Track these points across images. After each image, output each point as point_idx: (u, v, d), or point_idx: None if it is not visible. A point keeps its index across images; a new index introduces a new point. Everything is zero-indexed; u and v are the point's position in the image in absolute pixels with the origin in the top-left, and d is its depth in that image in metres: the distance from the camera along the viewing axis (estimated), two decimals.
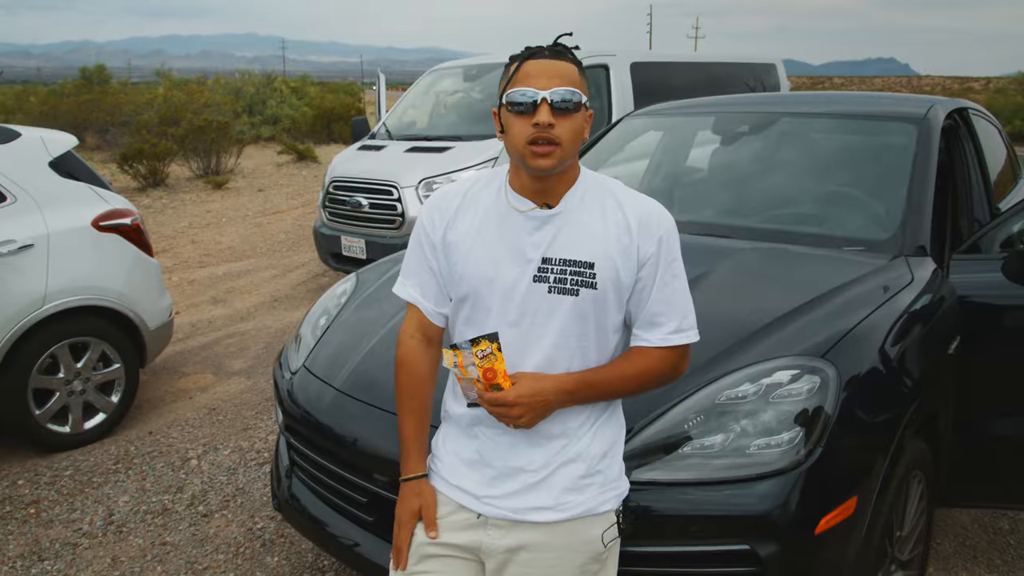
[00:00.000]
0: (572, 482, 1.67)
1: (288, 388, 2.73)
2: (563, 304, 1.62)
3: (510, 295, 1.64)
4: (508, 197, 1.67)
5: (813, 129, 3.66)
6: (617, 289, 1.64)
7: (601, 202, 1.67)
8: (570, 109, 1.56)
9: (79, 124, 18.54)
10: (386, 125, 8.08)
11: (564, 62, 1.59)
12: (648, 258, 1.64)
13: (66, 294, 4.27)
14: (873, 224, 3.08)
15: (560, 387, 1.62)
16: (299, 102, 24.01)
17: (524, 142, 1.56)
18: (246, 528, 3.53)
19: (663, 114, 4.22)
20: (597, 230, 1.64)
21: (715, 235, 3.10)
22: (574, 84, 1.57)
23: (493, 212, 1.68)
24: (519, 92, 1.56)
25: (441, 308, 1.78)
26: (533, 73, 1.57)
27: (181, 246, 9.65)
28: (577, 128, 1.58)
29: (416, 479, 1.78)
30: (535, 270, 1.63)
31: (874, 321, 2.35)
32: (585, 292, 1.62)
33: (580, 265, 1.62)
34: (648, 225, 1.65)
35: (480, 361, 1.58)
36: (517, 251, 1.64)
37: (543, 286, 1.63)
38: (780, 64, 10.41)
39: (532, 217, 1.65)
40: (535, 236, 1.64)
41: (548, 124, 1.53)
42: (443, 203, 1.74)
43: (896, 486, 2.24)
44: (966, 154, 3.44)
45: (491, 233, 1.67)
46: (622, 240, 1.63)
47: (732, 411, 2.05)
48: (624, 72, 7.92)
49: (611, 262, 1.62)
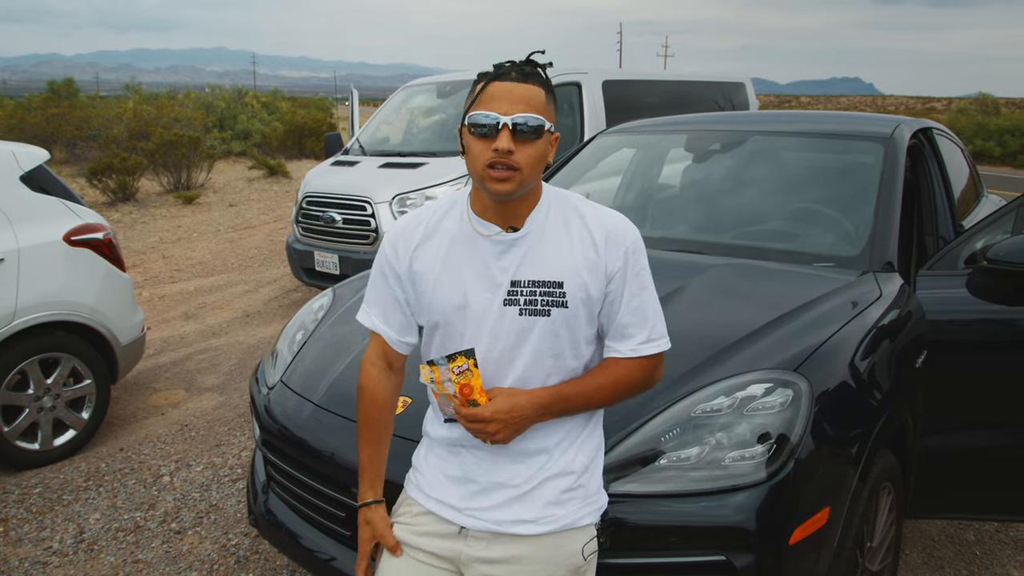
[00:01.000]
0: (555, 496, 1.69)
1: (265, 403, 2.72)
2: (535, 325, 1.64)
3: (482, 321, 1.65)
4: (472, 222, 1.68)
5: (783, 147, 3.75)
6: (587, 305, 1.65)
7: (565, 219, 1.68)
8: (531, 136, 1.55)
9: (47, 137, 18.29)
10: (359, 141, 8.09)
11: (531, 85, 1.57)
12: (616, 272, 1.66)
13: (36, 309, 4.22)
14: (842, 241, 3.15)
15: (536, 402, 1.64)
16: (270, 117, 23.93)
17: (483, 165, 1.56)
18: (220, 545, 3.50)
19: (636, 131, 4.28)
20: (563, 249, 1.65)
21: (688, 251, 3.15)
22: (537, 109, 1.56)
23: (459, 238, 1.68)
24: (481, 115, 1.55)
25: (405, 337, 1.79)
26: (497, 95, 1.56)
27: (152, 261, 9.56)
28: (538, 154, 1.57)
29: (367, 506, 1.82)
30: (504, 294, 1.64)
31: (844, 335, 2.41)
32: (556, 312, 1.63)
33: (549, 285, 1.63)
34: (614, 240, 1.66)
35: (456, 377, 1.60)
36: (485, 276, 1.65)
37: (514, 309, 1.64)
38: (749, 83, 10.58)
39: (498, 241, 1.65)
40: (502, 260, 1.65)
41: (507, 151, 1.53)
42: (406, 232, 1.74)
43: (867, 497, 2.29)
44: (931, 173, 3.54)
45: (458, 260, 1.67)
46: (589, 256, 1.65)
47: (707, 424, 2.08)
48: (596, 90, 8.01)
49: (580, 279, 1.64)
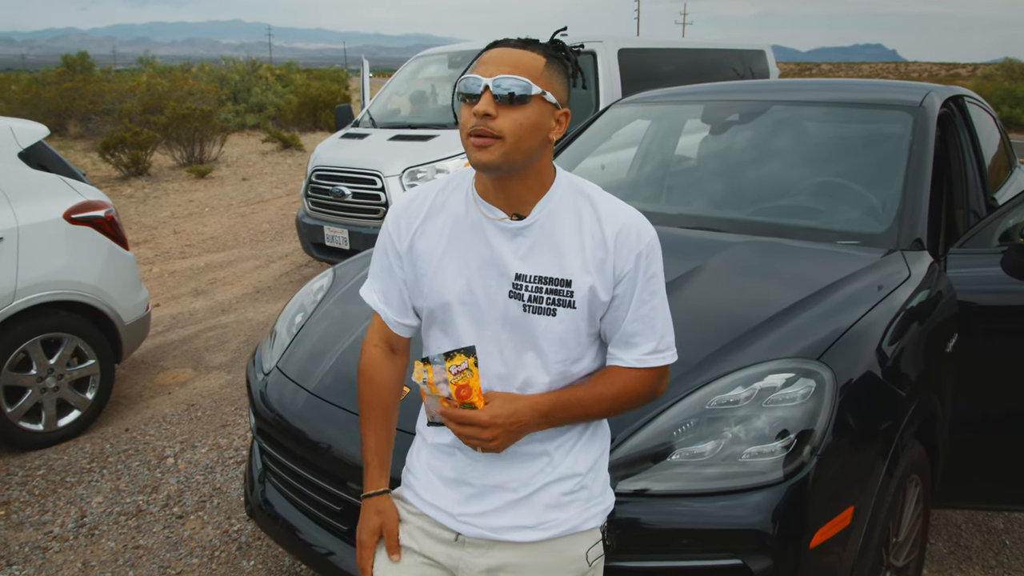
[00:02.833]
0: (555, 499, 1.56)
1: (261, 389, 2.61)
2: (539, 324, 1.50)
3: (482, 312, 1.52)
4: (477, 203, 1.54)
5: (805, 117, 3.56)
6: (593, 307, 1.51)
7: (577, 211, 1.53)
8: (514, 100, 1.40)
9: (61, 112, 18.26)
10: (370, 113, 7.93)
11: (528, 51, 1.44)
12: (625, 275, 1.51)
13: (37, 289, 4.13)
14: (868, 217, 2.98)
15: (535, 408, 1.50)
16: (284, 90, 23.75)
17: (466, 133, 1.43)
18: (222, 530, 3.42)
19: (650, 102, 4.10)
20: (574, 243, 1.51)
21: (705, 228, 3.00)
22: (529, 74, 1.41)
23: (464, 221, 1.55)
24: (466, 79, 1.43)
25: (403, 318, 1.67)
26: (487, 60, 1.44)
27: (163, 236, 9.49)
28: (528, 122, 1.41)
29: (377, 495, 1.68)
30: (509, 286, 1.51)
31: (870, 320, 2.25)
32: (563, 312, 1.50)
33: (557, 283, 1.49)
34: (627, 240, 1.51)
35: (454, 377, 1.46)
36: (489, 264, 1.52)
37: (517, 304, 1.51)
38: (769, 50, 10.30)
39: (503, 228, 1.51)
40: (507, 248, 1.51)
41: (484, 114, 1.39)
42: (411, 208, 1.61)
43: (894, 492, 2.15)
44: (962, 143, 3.35)
45: (461, 244, 1.54)
46: (598, 255, 1.50)
47: (723, 417, 1.95)
48: (612, 59, 7.79)
49: (589, 279, 1.49)
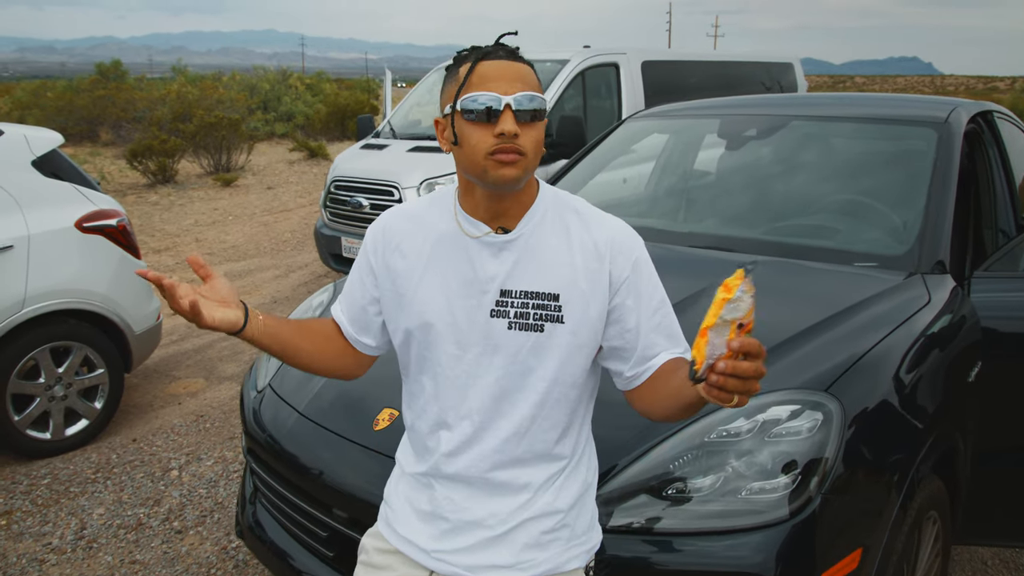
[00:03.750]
0: (534, 538, 1.47)
1: (254, 408, 2.55)
2: (526, 342, 1.42)
3: (463, 333, 1.44)
4: (459, 220, 1.47)
5: (825, 133, 3.43)
6: (588, 322, 1.43)
7: (564, 223, 1.46)
8: (535, 117, 1.36)
9: (93, 119, 18.53)
10: (391, 124, 7.90)
11: (522, 64, 1.39)
12: (623, 281, 1.43)
13: (47, 297, 4.12)
14: (888, 237, 2.85)
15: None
16: (314, 99, 23.91)
17: (485, 153, 1.35)
18: (220, 547, 3.36)
19: (667, 116, 4.00)
20: (562, 256, 1.43)
21: (717, 247, 2.89)
22: (536, 88, 1.38)
23: (445, 237, 1.47)
24: (479, 97, 1.34)
25: (361, 336, 1.60)
26: (491, 75, 1.35)
27: (184, 244, 9.53)
28: (541, 137, 1.38)
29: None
30: (492, 303, 1.42)
31: (886, 347, 2.13)
32: (551, 328, 1.41)
33: (544, 297, 1.41)
34: (621, 247, 1.45)
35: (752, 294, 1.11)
36: (471, 282, 1.44)
37: (502, 322, 1.42)
38: (797, 63, 10.15)
39: (487, 243, 1.44)
40: (491, 265, 1.43)
41: (515, 134, 1.32)
42: (390, 225, 1.54)
43: (908, 531, 2.02)
44: (991, 161, 3.21)
45: (442, 262, 1.46)
46: (590, 266, 1.43)
47: (724, 450, 1.84)
48: (635, 71, 7.70)
49: (578, 291, 1.42)
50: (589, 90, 7.48)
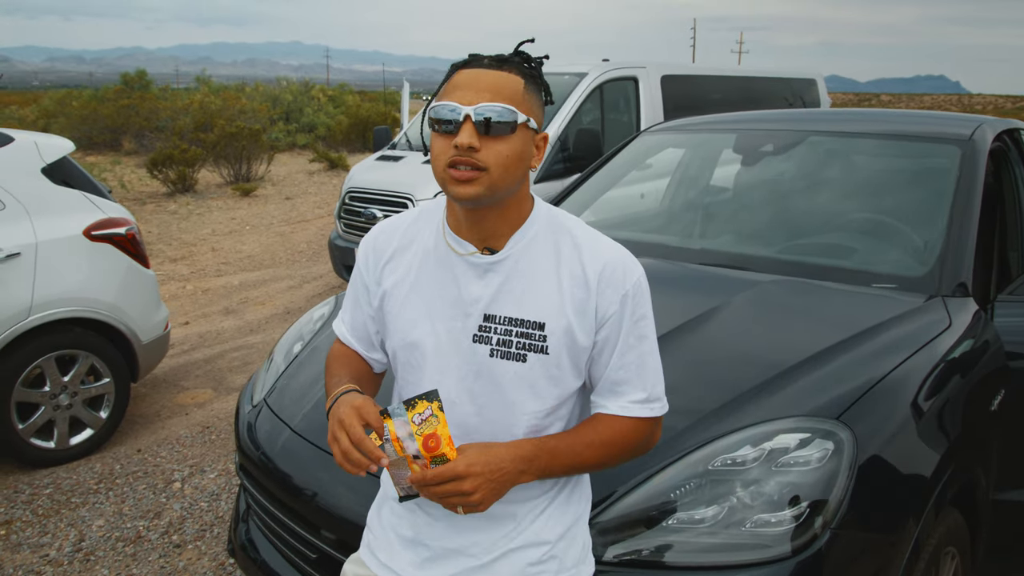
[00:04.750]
0: (519, 569, 1.39)
1: (248, 422, 2.48)
2: (507, 372, 1.34)
3: (446, 357, 1.37)
4: (446, 237, 1.40)
5: (844, 150, 3.33)
6: (573, 353, 1.35)
7: (556, 247, 1.37)
8: (500, 130, 1.26)
9: (117, 129, 18.73)
10: (407, 135, 7.87)
11: (505, 72, 1.30)
12: (608, 318, 1.34)
13: (53, 305, 4.10)
14: (908, 258, 2.75)
15: (516, 453, 1.31)
16: (335, 110, 24.04)
17: (444, 165, 1.28)
18: (217, 563, 3.30)
19: (683, 130, 3.92)
20: (550, 283, 1.35)
21: (729, 266, 2.80)
22: (511, 100, 1.28)
23: (431, 255, 1.41)
24: (440, 107, 1.28)
25: (370, 352, 1.54)
26: (462, 84, 1.28)
27: (200, 254, 9.54)
28: (512, 153, 1.28)
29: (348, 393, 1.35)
30: (475, 327, 1.35)
31: (903, 373, 2.03)
32: (534, 359, 1.33)
33: (528, 325, 1.33)
34: (611, 280, 1.35)
35: (418, 428, 1.26)
36: (456, 302, 1.37)
37: (484, 348, 1.35)
38: (821, 80, 10.03)
39: (473, 263, 1.36)
40: (475, 286, 1.36)
41: (468, 147, 1.24)
42: (380, 241, 1.48)
43: (924, 568, 1.92)
44: (1018, 180, 3.10)
45: (428, 281, 1.40)
46: (578, 295, 1.34)
47: (728, 479, 1.74)
48: (654, 85, 7.62)
49: (565, 322, 1.33)
50: (607, 104, 7.41)
